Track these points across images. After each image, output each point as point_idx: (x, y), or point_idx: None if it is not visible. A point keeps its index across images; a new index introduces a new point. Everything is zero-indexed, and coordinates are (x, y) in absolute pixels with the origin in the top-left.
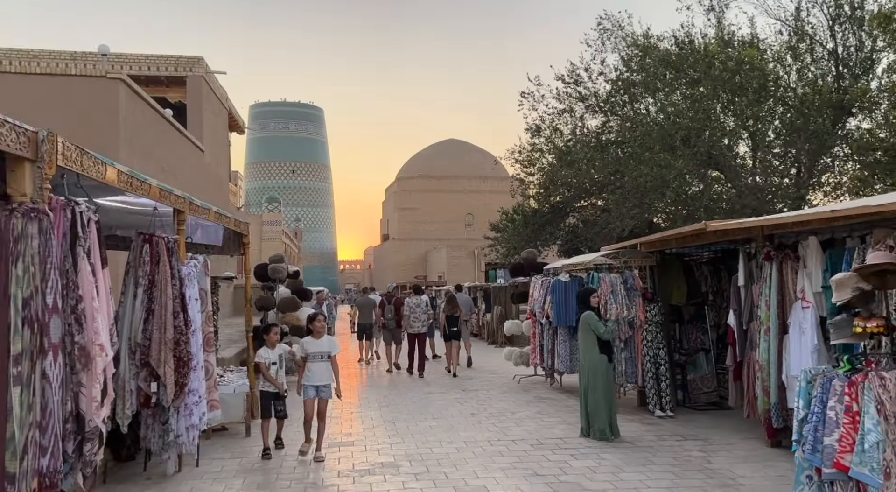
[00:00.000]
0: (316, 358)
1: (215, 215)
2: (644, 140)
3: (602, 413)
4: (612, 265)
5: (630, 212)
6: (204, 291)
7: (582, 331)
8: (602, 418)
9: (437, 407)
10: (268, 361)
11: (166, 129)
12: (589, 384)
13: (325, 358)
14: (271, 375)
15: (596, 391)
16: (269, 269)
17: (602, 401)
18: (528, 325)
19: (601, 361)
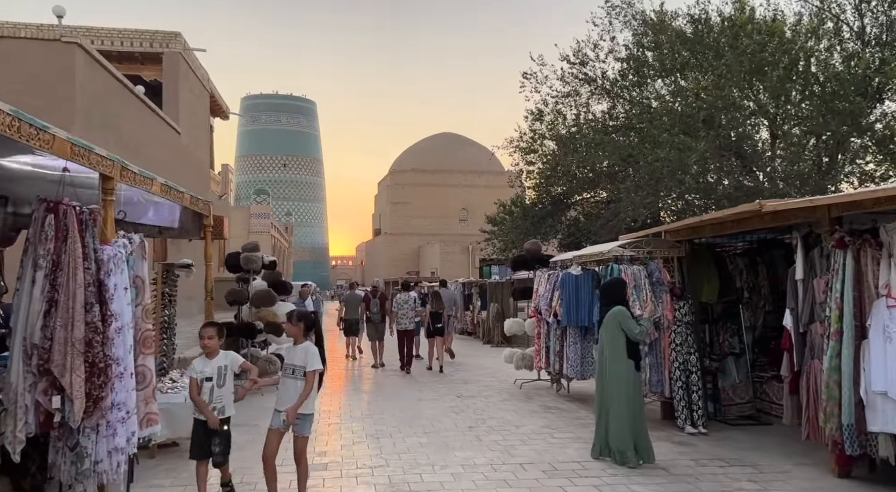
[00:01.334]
0: (287, 372)
1: (161, 188)
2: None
3: (625, 432)
4: (634, 256)
5: (644, 201)
6: (140, 279)
7: (608, 330)
8: (624, 437)
9: (429, 418)
10: (201, 376)
11: (135, 104)
12: (610, 395)
13: (298, 375)
14: (202, 399)
15: (619, 404)
16: (242, 258)
17: (626, 416)
18: (532, 324)
19: (629, 367)
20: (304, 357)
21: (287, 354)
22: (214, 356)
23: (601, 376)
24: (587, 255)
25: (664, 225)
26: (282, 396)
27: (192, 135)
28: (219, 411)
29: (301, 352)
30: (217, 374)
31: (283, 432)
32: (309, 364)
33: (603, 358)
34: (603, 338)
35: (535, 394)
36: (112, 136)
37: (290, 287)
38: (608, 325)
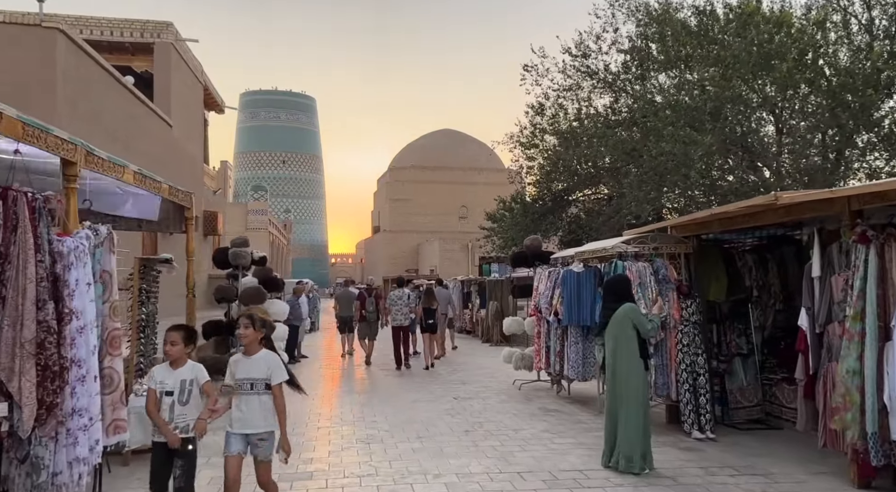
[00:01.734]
0: (245, 388)
1: (135, 176)
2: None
3: (636, 437)
4: (638, 252)
5: (647, 196)
6: (108, 274)
7: (621, 328)
8: (634, 443)
9: (424, 421)
10: (161, 388)
11: (123, 95)
12: (623, 398)
13: (260, 389)
14: (160, 416)
15: (630, 407)
16: (230, 254)
17: (638, 421)
18: (531, 323)
19: (640, 368)
20: (264, 368)
21: (239, 366)
22: (179, 366)
23: (613, 377)
24: (589, 251)
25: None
26: (243, 416)
27: (184, 128)
28: (181, 431)
29: (260, 363)
30: (179, 388)
31: (242, 457)
32: (274, 376)
33: (615, 359)
34: (612, 337)
35: (535, 395)
36: (99, 127)
37: (281, 284)
38: (620, 323)
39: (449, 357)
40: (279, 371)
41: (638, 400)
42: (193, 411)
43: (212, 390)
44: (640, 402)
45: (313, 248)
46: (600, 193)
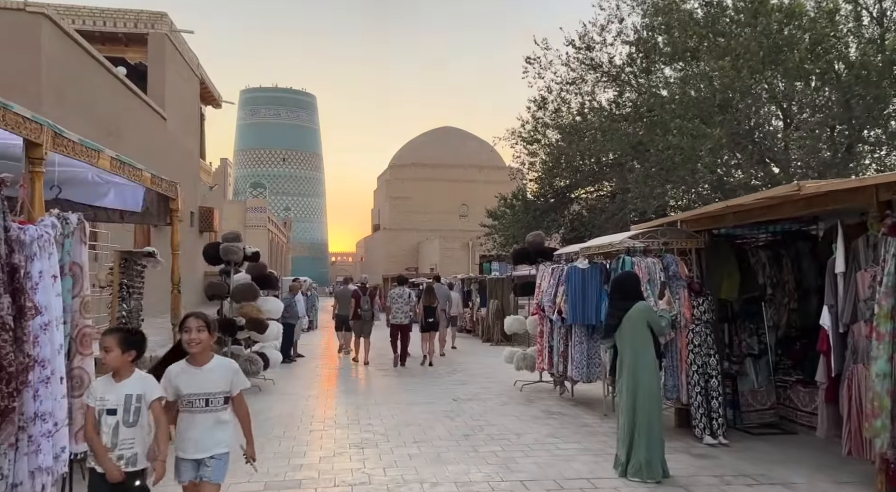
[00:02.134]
0: (196, 404)
1: (112, 163)
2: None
3: (656, 443)
4: (647, 247)
5: (653, 192)
6: (79, 267)
7: (633, 329)
8: (653, 447)
9: (421, 424)
10: (102, 406)
11: (115, 86)
12: (640, 402)
13: (218, 405)
14: (99, 442)
15: (645, 410)
16: (222, 249)
17: (654, 425)
18: (533, 322)
19: (656, 369)
20: (223, 379)
21: (184, 380)
22: (123, 378)
23: (630, 380)
24: (595, 246)
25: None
26: (195, 437)
27: (179, 122)
28: (127, 462)
29: (217, 373)
30: (124, 406)
31: (197, 485)
32: (234, 385)
33: (633, 361)
34: (627, 339)
35: (537, 397)
36: (88, 117)
37: (275, 281)
38: (635, 322)
39: (449, 357)
40: (241, 378)
41: (656, 403)
42: (143, 436)
43: (162, 412)
44: (658, 405)
45: (313, 246)
46: (603, 190)
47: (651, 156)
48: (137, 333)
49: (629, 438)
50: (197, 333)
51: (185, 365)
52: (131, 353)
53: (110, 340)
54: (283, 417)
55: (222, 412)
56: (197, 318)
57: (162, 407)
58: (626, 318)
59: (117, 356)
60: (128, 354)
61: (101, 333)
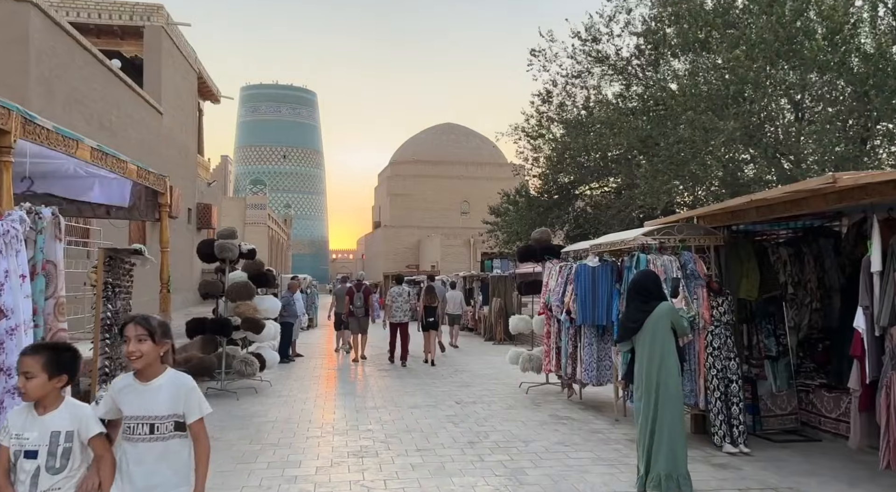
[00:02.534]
0: (140, 431)
1: (92, 153)
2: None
3: (680, 454)
4: (663, 244)
5: (663, 187)
6: (52, 265)
7: (656, 331)
8: (679, 460)
9: (424, 430)
10: (17, 446)
11: (109, 79)
12: (658, 407)
13: (167, 431)
14: None
15: (667, 418)
16: (216, 246)
17: (676, 434)
18: (540, 321)
19: (678, 373)
20: (174, 400)
21: (127, 398)
22: (50, 410)
23: (646, 384)
24: (606, 243)
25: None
26: (141, 472)
27: (176, 116)
28: None
29: (167, 391)
30: (48, 446)
31: None
32: (188, 408)
33: (653, 365)
34: (648, 342)
35: (544, 400)
36: (80, 111)
37: (272, 279)
38: (658, 324)
39: (451, 357)
40: (196, 399)
41: (679, 411)
42: (72, 486)
43: (106, 450)
44: (681, 413)
45: (314, 243)
46: (609, 186)
47: (661, 150)
48: (68, 351)
49: (648, 448)
50: (137, 343)
51: (130, 379)
52: (61, 378)
53: (31, 363)
54: (279, 421)
55: (174, 441)
56: (136, 324)
57: (105, 445)
58: (649, 320)
59: (42, 384)
60: (56, 380)
61: (21, 353)
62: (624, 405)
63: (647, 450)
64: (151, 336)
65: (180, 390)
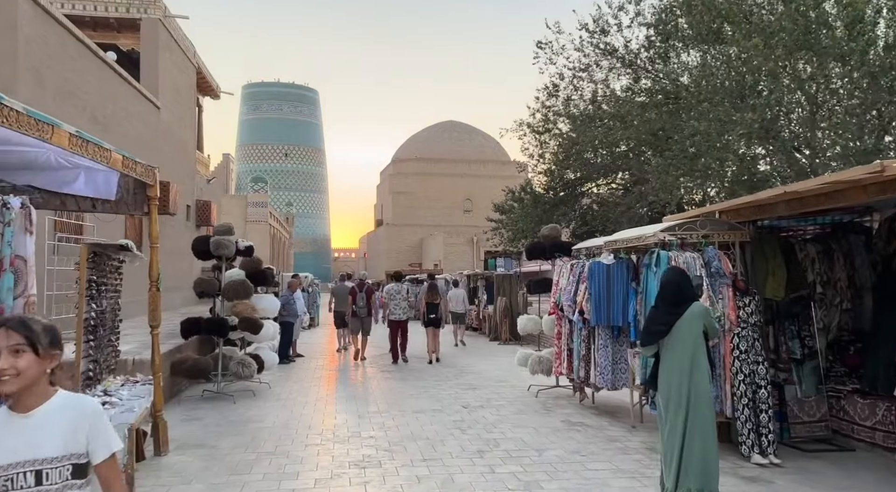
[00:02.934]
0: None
1: (70, 139)
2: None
3: (709, 467)
4: (685, 241)
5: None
6: (22, 261)
7: (687, 332)
8: (709, 472)
9: (430, 438)
10: None
11: (104, 72)
12: (689, 417)
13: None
14: None
15: (700, 429)
16: (212, 242)
17: (709, 446)
18: (550, 322)
19: (709, 380)
20: (72, 434)
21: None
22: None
23: (682, 393)
24: (622, 240)
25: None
26: None
27: (174, 111)
28: None
29: (56, 424)
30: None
31: None
32: (98, 446)
33: (683, 371)
34: (677, 344)
35: (555, 405)
36: (72, 104)
37: (271, 277)
38: (690, 327)
39: (456, 357)
40: (102, 429)
41: (711, 421)
42: None
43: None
44: (713, 423)
45: (316, 242)
46: (617, 182)
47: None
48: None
49: (677, 461)
50: (10, 357)
51: (3, 411)
52: (53, 354)
53: (15, 337)
54: (277, 427)
55: None
56: (9, 330)
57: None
58: (681, 322)
59: (32, 363)
60: (48, 358)
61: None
62: (641, 411)
63: (677, 463)
64: (33, 346)
65: (79, 421)
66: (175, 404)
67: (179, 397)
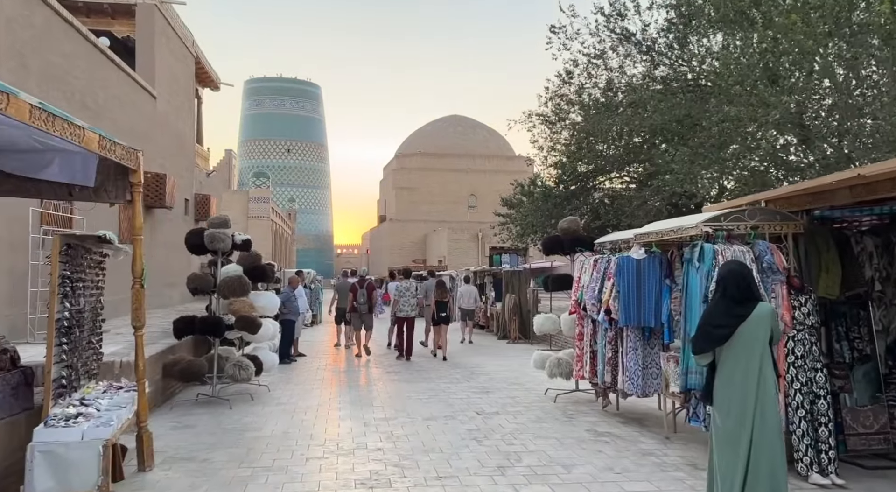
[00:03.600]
0: None
1: (31, 111)
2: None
3: (779, 489)
4: (732, 232)
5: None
6: None
7: (752, 337)
8: None
9: (443, 450)
10: None
11: (94, 56)
12: (755, 434)
13: None
14: None
15: (767, 449)
16: (206, 236)
17: (779, 469)
18: (570, 321)
19: (776, 392)
20: None
21: None
22: None
23: (745, 410)
24: (654, 232)
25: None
26: None
27: (171, 101)
28: None
29: None
30: None
31: None
32: None
33: (749, 383)
34: (741, 351)
35: (577, 411)
36: (59, 89)
37: (270, 273)
38: (756, 331)
39: (464, 356)
40: None
41: (780, 438)
42: None
43: None
44: (781, 441)
45: (318, 238)
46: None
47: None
48: None
49: (740, 485)
50: None
51: None
52: None
53: None
54: (275, 437)
55: None
56: None
57: None
58: (745, 325)
59: None
60: None
61: None
62: (674, 420)
63: (740, 487)
64: None
65: None
66: (167, 409)
67: (172, 401)
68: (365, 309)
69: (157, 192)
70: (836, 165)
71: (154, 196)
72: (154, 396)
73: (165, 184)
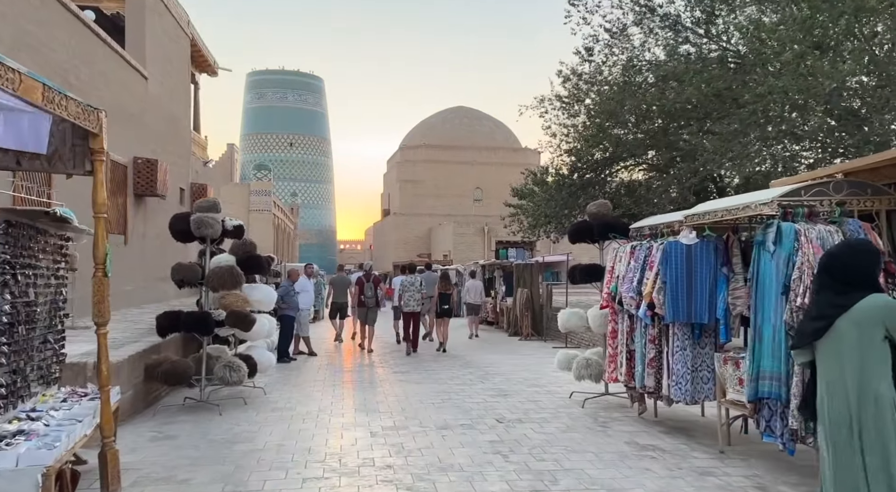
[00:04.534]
0: None
1: None
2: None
3: None
4: (813, 209)
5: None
6: None
7: (859, 332)
8: None
9: (463, 467)
10: None
11: (75, 28)
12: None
13: None
14: None
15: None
16: (193, 221)
17: None
18: (600, 317)
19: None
20: None
21: None
22: None
23: (854, 421)
24: (710, 212)
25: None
26: None
27: (165, 83)
28: None
29: None
30: None
31: None
32: None
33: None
34: (846, 349)
35: (610, 418)
36: (33, 59)
37: (266, 264)
38: (864, 325)
39: (475, 353)
40: None
41: None
42: None
43: None
44: None
45: (321, 233)
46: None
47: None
48: None
49: None
50: None
51: None
52: None
53: None
54: (268, 451)
55: None
56: None
57: None
58: (846, 317)
59: None
60: None
61: None
62: (728, 431)
63: None
64: None
65: None
66: (149, 416)
67: (156, 406)
68: (372, 302)
69: (148, 178)
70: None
71: (145, 183)
72: (135, 401)
73: (157, 170)
